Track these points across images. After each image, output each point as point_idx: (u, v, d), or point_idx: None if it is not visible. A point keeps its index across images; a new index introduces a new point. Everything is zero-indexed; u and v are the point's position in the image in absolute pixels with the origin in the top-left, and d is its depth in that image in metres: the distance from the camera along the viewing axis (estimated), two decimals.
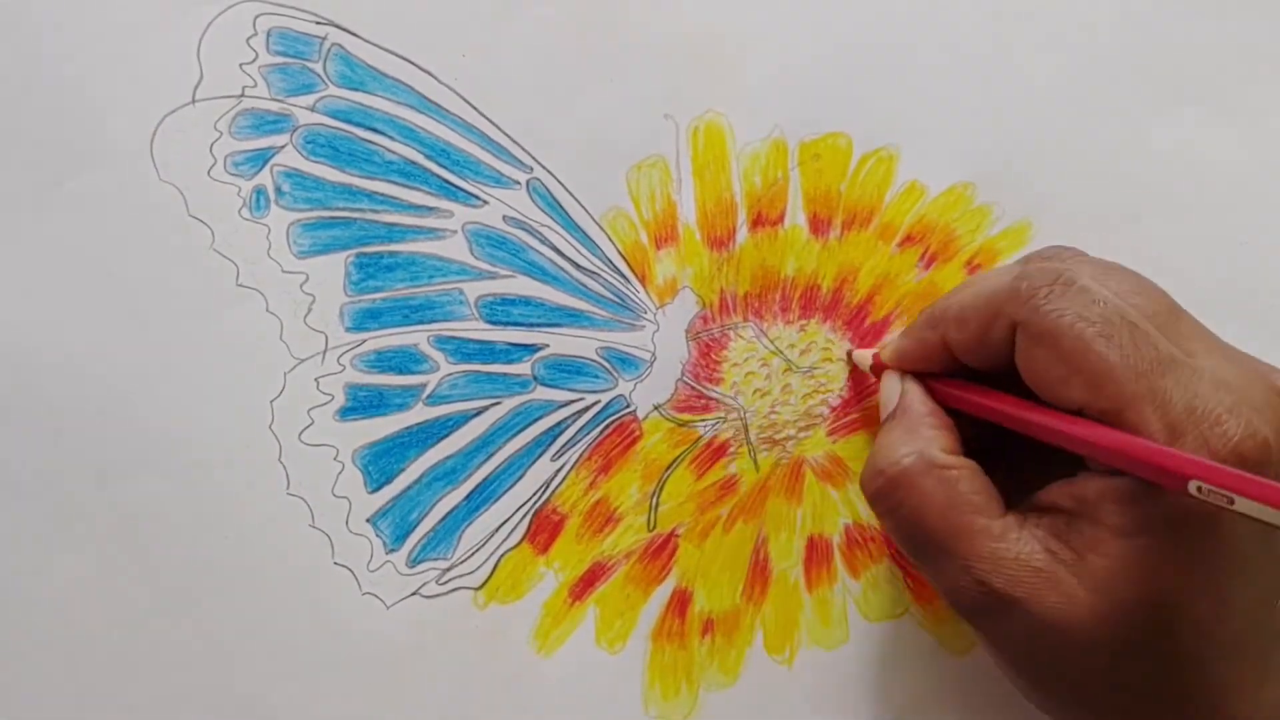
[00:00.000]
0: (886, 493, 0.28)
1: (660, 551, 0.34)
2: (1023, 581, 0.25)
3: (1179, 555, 0.24)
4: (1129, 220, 0.35)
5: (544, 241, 0.33)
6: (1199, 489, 0.23)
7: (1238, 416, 0.24)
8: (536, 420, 0.33)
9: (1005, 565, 0.26)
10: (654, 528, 0.34)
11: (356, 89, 0.33)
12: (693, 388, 0.34)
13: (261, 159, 0.32)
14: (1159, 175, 0.36)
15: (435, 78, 0.33)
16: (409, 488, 0.33)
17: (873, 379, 0.33)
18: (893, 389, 0.31)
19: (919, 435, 0.28)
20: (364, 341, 0.33)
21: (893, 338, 0.32)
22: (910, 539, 0.28)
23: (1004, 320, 0.27)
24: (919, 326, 0.30)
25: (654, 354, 0.34)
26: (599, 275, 0.34)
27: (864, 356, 0.33)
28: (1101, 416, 0.25)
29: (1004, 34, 0.35)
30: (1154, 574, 0.24)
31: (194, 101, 0.32)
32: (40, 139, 0.32)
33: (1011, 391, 0.27)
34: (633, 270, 0.34)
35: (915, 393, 0.30)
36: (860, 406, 0.35)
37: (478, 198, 0.33)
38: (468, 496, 0.33)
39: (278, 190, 0.32)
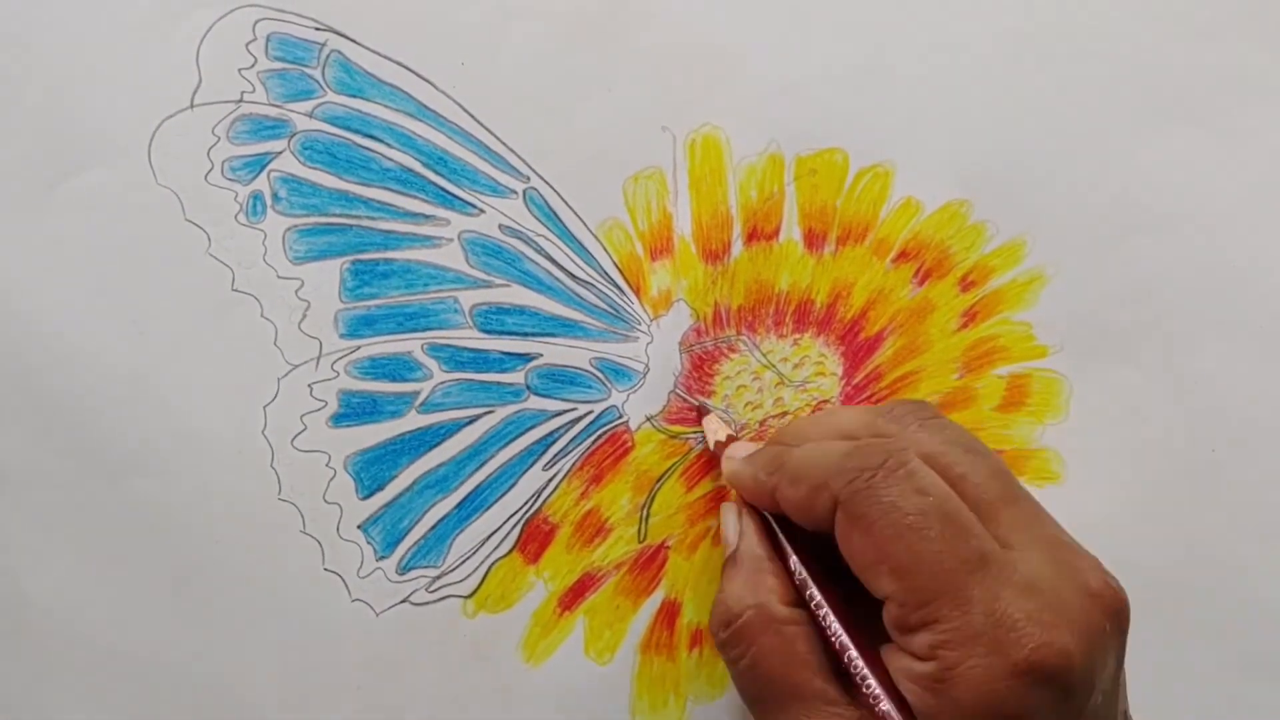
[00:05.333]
0: (731, 644, 0.28)
1: (650, 563, 0.34)
2: None
3: None
4: (1121, 239, 0.36)
5: (539, 251, 0.33)
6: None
7: (1038, 624, 0.24)
8: (529, 429, 0.33)
9: None
10: (644, 539, 0.34)
11: (355, 95, 0.33)
12: (685, 400, 0.34)
13: (259, 164, 0.32)
14: (1151, 194, 0.36)
15: (434, 85, 0.33)
16: (400, 495, 0.33)
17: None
18: (732, 527, 0.31)
19: (760, 585, 0.29)
20: (358, 348, 0.33)
21: (737, 453, 0.31)
22: (751, 692, 0.28)
23: (828, 494, 0.27)
24: (760, 464, 0.30)
25: (647, 365, 0.34)
26: (594, 286, 0.34)
27: (712, 428, 0.33)
28: (903, 608, 0.25)
29: (1000, 54, 0.35)
30: None
31: (192, 106, 0.32)
32: (39, 142, 0.32)
33: (836, 551, 0.27)
34: (628, 281, 0.34)
35: (753, 536, 0.30)
36: None
37: (474, 206, 0.33)
38: (459, 505, 0.33)
39: (274, 196, 0.32)
